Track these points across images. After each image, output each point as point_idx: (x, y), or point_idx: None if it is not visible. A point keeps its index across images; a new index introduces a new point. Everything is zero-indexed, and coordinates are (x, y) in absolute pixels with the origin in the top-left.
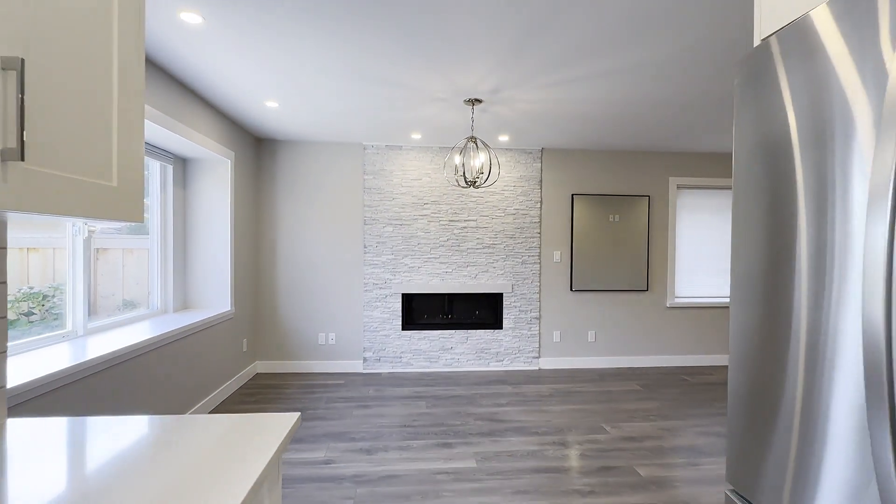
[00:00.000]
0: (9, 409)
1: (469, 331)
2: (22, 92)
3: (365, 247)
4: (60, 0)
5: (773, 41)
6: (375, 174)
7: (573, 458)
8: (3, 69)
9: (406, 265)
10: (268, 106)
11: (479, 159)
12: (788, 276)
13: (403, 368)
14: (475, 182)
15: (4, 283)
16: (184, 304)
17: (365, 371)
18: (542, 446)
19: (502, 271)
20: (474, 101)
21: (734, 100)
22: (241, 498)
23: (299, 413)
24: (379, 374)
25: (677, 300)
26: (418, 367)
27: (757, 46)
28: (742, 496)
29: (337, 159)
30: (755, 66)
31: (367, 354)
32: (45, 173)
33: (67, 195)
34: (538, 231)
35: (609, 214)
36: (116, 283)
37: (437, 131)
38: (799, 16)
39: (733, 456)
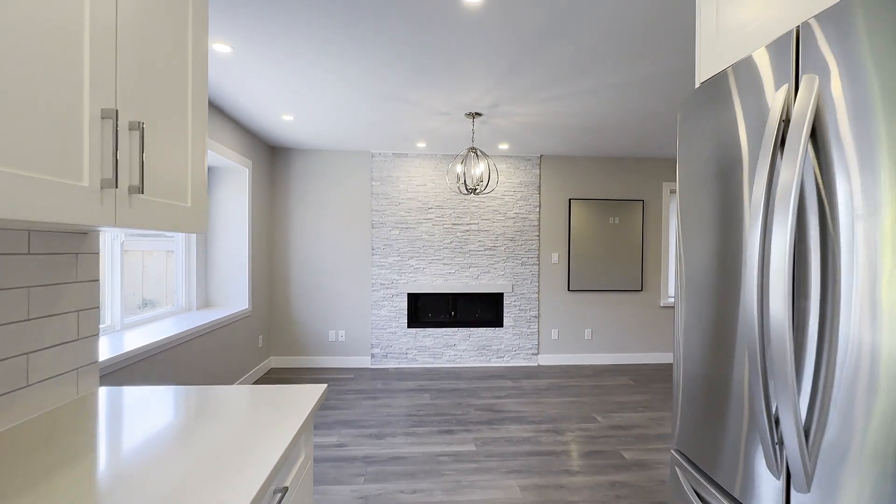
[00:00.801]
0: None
1: (471, 329)
2: (142, 146)
3: (373, 249)
4: (163, 75)
5: (730, 72)
6: (383, 180)
7: (564, 443)
8: (130, 130)
9: (411, 266)
10: (284, 119)
11: (479, 168)
12: (735, 275)
13: (409, 364)
14: (475, 189)
15: (97, 280)
16: (205, 302)
17: (373, 366)
18: (537, 433)
19: (503, 272)
20: (475, 115)
21: (678, 129)
22: (290, 438)
23: (326, 384)
24: (386, 369)
25: (670, 300)
26: (423, 362)
27: (704, 83)
28: (683, 454)
29: (347, 166)
30: (709, 95)
31: (375, 351)
32: (154, 201)
33: (164, 215)
34: (537, 234)
35: (609, 217)
36: (136, 282)
37: (440, 140)
38: (720, 70)
39: (679, 424)
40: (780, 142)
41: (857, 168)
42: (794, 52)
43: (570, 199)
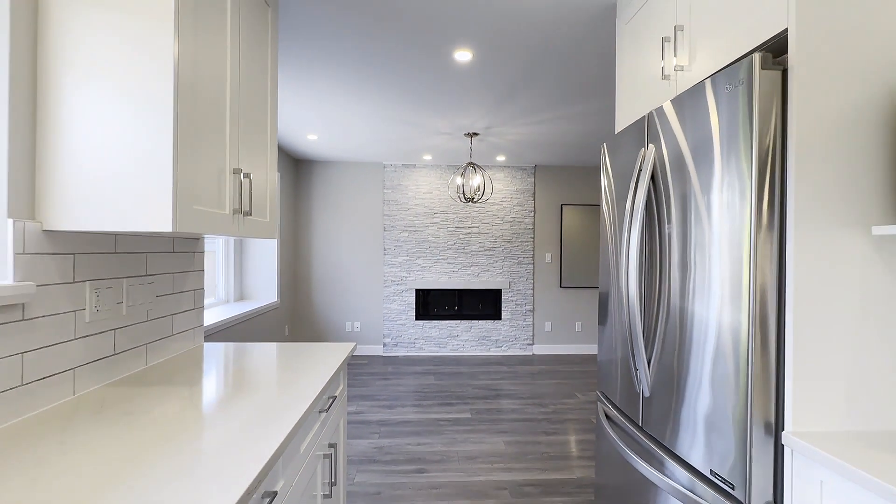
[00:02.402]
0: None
1: (473, 321)
2: (250, 187)
3: (384, 249)
4: (257, 132)
5: (654, 114)
6: (393, 188)
7: (546, 413)
8: (244, 178)
9: (419, 265)
10: (309, 138)
11: (475, 180)
12: (620, 267)
13: (417, 352)
14: (473, 198)
15: (203, 270)
16: (240, 295)
17: (384, 354)
18: (524, 406)
19: (501, 270)
20: (472, 134)
21: (607, 160)
22: (334, 370)
23: (355, 343)
24: (396, 356)
25: None
26: (429, 351)
27: (618, 133)
28: (602, 392)
29: (361, 176)
30: (619, 143)
31: (387, 340)
32: (252, 219)
33: (257, 228)
34: (532, 236)
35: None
36: None
37: (444, 154)
38: (637, 118)
39: (600, 374)
40: (637, 181)
41: (669, 198)
42: (647, 128)
43: (561, 205)
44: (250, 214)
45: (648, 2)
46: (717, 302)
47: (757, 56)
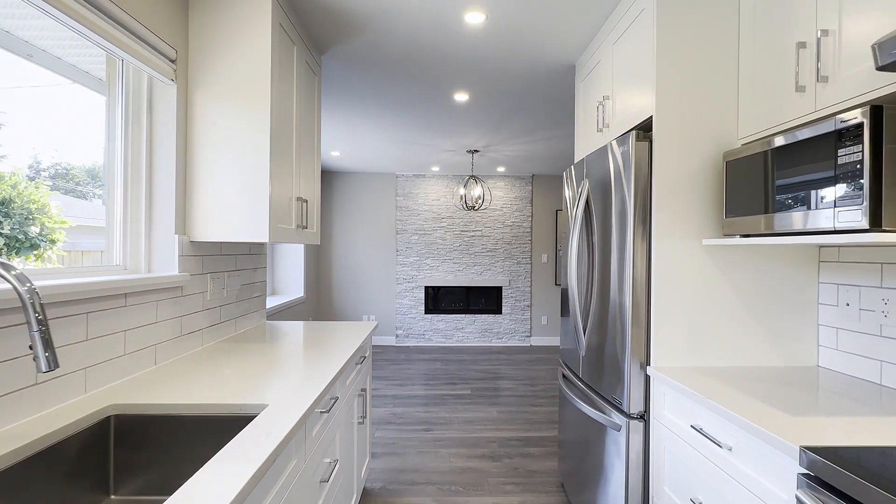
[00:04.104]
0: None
1: (476, 315)
2: (307, 209)
3: (397, 251)
4: (308, 165)
5: (587, 158)
6: (405, 196)
7: (535, 390)
8: (301, 202)
9: (428, 265)
10: (332, 154)
11: (476, 191)
12: (569, 265)
13: (426, 343)
14: (474, 207)
15: (265, 268)
16: (272, 290)
17: (397, 344)
18: (518, 385)
19: (502, 269)
20: (473, 151)
21: (573, 181)
22: (363, 337)
23: (377, 322)
24: (407, 346)
25: None
26: (437, 342)
27: (574, 164)
28: (564, 361)
29: (376, 185)
30: (576, 170)
31: (399, 332)
32: (306, 231)
33: (308, 237)
34: (529, 239)
35: None
36: None
37: (450, 166)
38: (582, 156)
39: (562, 350)
40: (577, 203)
41: (595, 217)
42: (585, 167)
43: (556, 211)
44: (306, 228)
45: (593, 70)
46: (616, 287)
47: (634, 132)
